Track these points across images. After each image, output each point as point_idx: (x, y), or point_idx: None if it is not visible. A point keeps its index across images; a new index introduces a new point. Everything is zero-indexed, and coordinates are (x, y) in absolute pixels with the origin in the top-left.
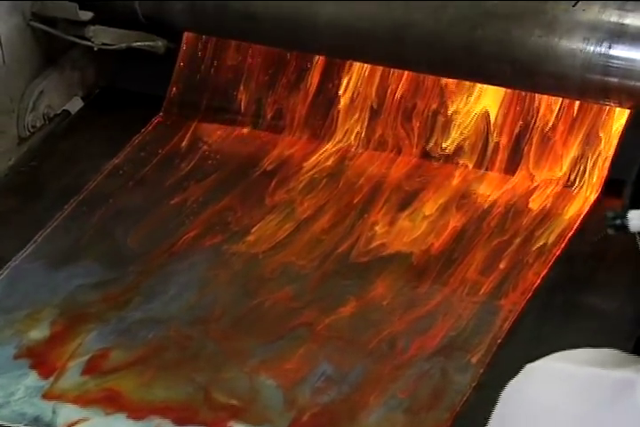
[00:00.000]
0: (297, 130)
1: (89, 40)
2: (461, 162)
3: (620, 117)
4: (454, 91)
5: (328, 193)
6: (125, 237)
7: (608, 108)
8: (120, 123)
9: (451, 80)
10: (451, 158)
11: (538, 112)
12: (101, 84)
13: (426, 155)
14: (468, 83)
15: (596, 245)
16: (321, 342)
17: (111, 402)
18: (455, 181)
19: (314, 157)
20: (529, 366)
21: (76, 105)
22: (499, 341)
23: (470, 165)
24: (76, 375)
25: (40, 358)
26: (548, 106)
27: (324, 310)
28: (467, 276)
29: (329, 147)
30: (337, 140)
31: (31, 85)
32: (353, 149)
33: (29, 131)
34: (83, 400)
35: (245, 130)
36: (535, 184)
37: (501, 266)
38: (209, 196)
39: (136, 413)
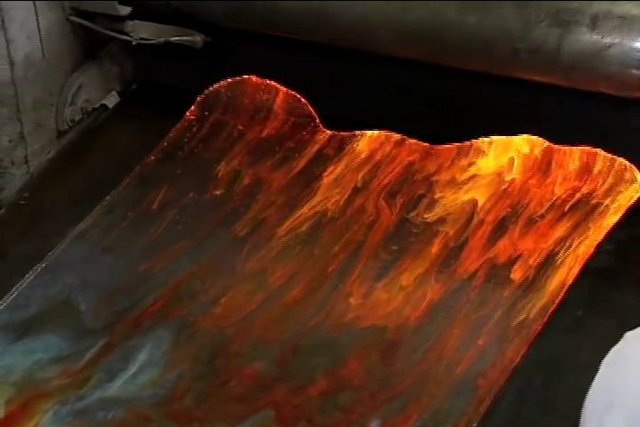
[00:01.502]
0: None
1: (127, 35)
2: (442, 229)
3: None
4: (445, 184)
5: (302, 261)
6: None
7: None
8: (157, 117)
9: (443, 177)
10: (431, 226)
11: (527, 205)
12: (139, 79)
13: (405, 221)
14: (460, 178)
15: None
16: (287, 426)
17: None
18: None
19: (288, 222)
20: (629, 334)
21: (113, 99)
22: (474, 425)
23: (451, 233)
24: None
25: None
26: (539, 202)
27: (291, 389)
28: (443, 353)
29: (305, 211)
30: (313, 204)
31: (70, 80)
32: (329, 214)
33: (68, 125)
34: None
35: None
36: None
37: (480, 342)
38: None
39: None
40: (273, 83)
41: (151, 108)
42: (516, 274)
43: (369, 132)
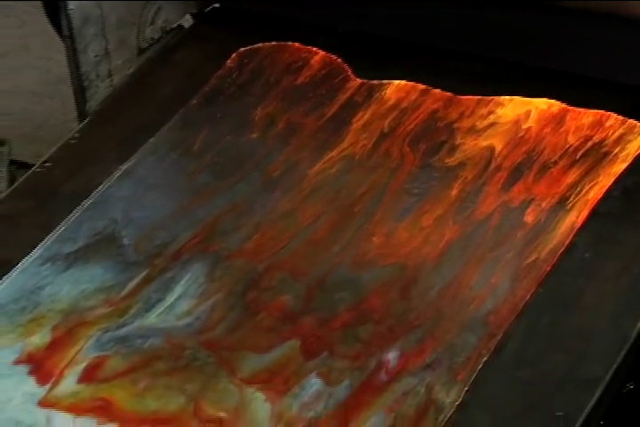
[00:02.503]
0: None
1: None
2: (461, 174)
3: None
4: (465, 131)
5: (330, 202)
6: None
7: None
8: (227, 39)
9: (464, 124)
10: (451, 171)
11: (542, 152)
12: (213, 2)
13: (427, 166)
14: (480, 126)
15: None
16: (311, 356)
17: (104, 412)
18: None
19: (318, 165)
20: None
21: (188, 21)
22: (484, 358)
23: (469, 177)
24: (72, 383)
25: (39, 364)
26: (553, 150)
27: (316, 322)
28: (458, 291)
29: (334, 154)
30: (342, 148)
31: (151, 1)
32: (357, 158)
33: (148, 42)
34: (77, 409)
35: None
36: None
37: (492, 281)
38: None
39: (128, 423)
40: (314, 48)
41: (222, 29)
42: (529, 217)
43: (396, 82)
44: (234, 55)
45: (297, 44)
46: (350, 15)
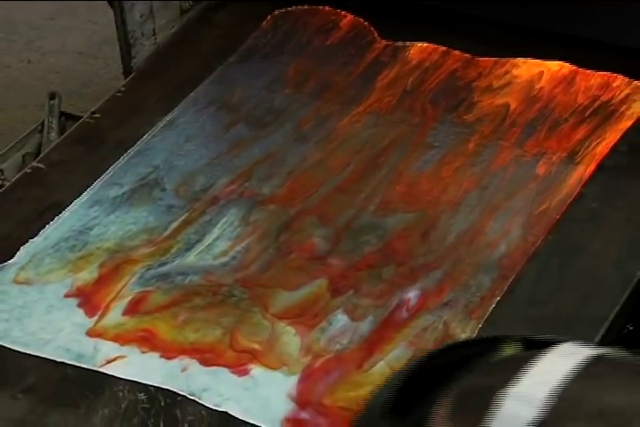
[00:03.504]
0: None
1: None
2: (478, 128)
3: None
4: (482, 89)
5: (356, 152)
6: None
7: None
8: (265, 1)
9: (481, 83)
10: (469, 126)
11: (553, 110)
12: None
13: (447, 121)
14: (496, 85)
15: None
16: (338, 294)
17: (146, 342)
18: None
19: (346, 119)
20: None
21: None
22: (497, 299)
23: (486, 132)
24: (118, 315)
25: (87, 298)
26: (564, 108)
27: (343, 262)
28: (474, 236)
29: (361, 110)
30: (369, 104)
31: None
32: (382, 113)
33: (190, 4)
34: (122, 339)
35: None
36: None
37: (506, 227)
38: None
39: (168, 353)
40: (343, 12)
41: None
42: (541, 169)
43: (419, 44)
44: (268, 17)
45: (327, 8)
46: None
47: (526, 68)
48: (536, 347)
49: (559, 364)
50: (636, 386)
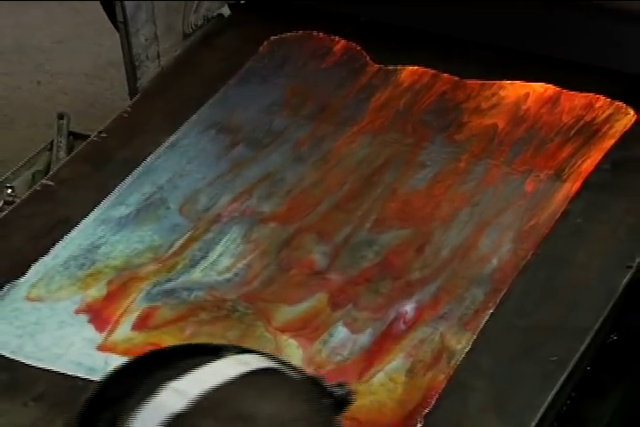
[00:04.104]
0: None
1: None
2: (468, 148)
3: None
4: (472, 111)
5: (352, 171)
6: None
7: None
8: (263, 27)
9: (470, 104)
10: (459, 146)
11: (540, 130)
12: None
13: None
14: (485, 106)
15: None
16: (338, 308)
17: None
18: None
19: (342, 139)
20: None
21: (227, 10)
22: (490, 311)
23: (476, 151)
24: (127, 330)
25: (97, 314)
26: (550, 128)
27: (342, 278)
28: (467, 251)
29: (356, 130)
30: (363, 125)
31: None
32: (376, 134)
33: (192, 28)
34: (131, 353)
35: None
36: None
37: (497, 242)
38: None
39: None
40: (336, 37)
41: (256, 18)
42: (529, 186)
43: (409, 67)
44: (265, 43)
45: (321, 34)
46: (371, 6)
47: (513, 90)
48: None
49: (229, 369)
50: (288, 400)
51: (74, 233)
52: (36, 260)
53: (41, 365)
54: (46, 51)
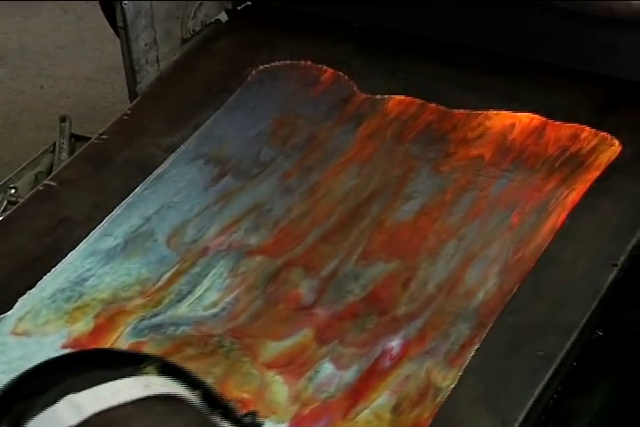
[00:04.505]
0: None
1: None
2: (455, 177)
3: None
4: (458, 141)
5: (339, 203)
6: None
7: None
8: (261, 32)
9: (456, 135)
10: (446, 176)
11: (525, 160)
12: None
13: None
14: (471, 136)
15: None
16: (324, 343)
17: None
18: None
19: (329, 169)
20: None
21: (224, 16)
22: (476, 347)
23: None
24: None
25: (83, 349)
26: (536, 159)
27: (328, 313)
28: (453, 285)
29: (343, 160)
30: (351, 155)
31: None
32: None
33: (190, 34)
34: None
35: None
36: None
37: (484, 276)
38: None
39: None
40: (324, 67)
41: (253, 24)
42: (515, 219)
43: (397, 97)
44: (254, 72)
45: (309, 63)
46: (364, 12)
47: (499, 120)
48: (171, 371)
49: (132, 390)
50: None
51: (61, 265)
52: (37, 260)
53: None
54: (49, 56)
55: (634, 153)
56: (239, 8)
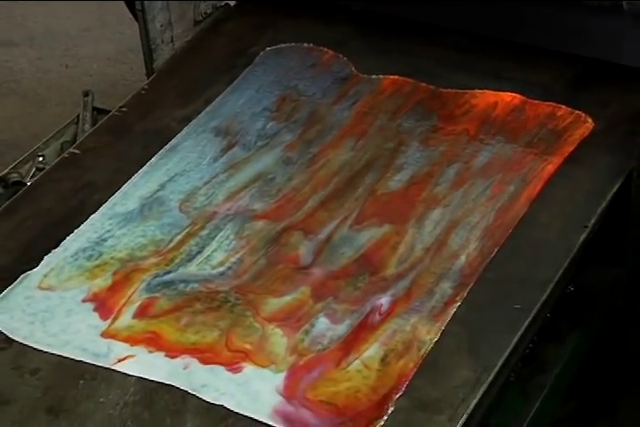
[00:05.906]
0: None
1: None
2: (443, 150)
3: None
4: (446, 117)
5: (335, 173)
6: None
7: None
8: (267, 14)
9: (444, 111)
10: (434, 150)
11: (506, 136)
12: None
13: (415, 145)
14: (457, 113)
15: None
16: (319, 300)
17: (153, 342)
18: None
19: (327, 143)
20: None
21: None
22: (458, 304)
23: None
24: (128, 319)
25: (102, 303)
26: (516, 134)
27: (323, 273)
28: (438, 248)
29: (341, 133)
30: (347, 129)
31: None
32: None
33: (202, 16)
34: (132, 340)
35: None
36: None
37: (467, 240)
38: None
39: (172, 352)
40: (324, 49)
41: (260, 7)
42: (496, 188)
43: (391, 76)
44: (261, 53)
45: (311, 45)
46: None
47: (483, 99)
48: None
49: None
50: None
51: (84, 226)
52: (63, 220)
53: (50, 350)
54: (74, 37)
55: (604, 126)
56: None
